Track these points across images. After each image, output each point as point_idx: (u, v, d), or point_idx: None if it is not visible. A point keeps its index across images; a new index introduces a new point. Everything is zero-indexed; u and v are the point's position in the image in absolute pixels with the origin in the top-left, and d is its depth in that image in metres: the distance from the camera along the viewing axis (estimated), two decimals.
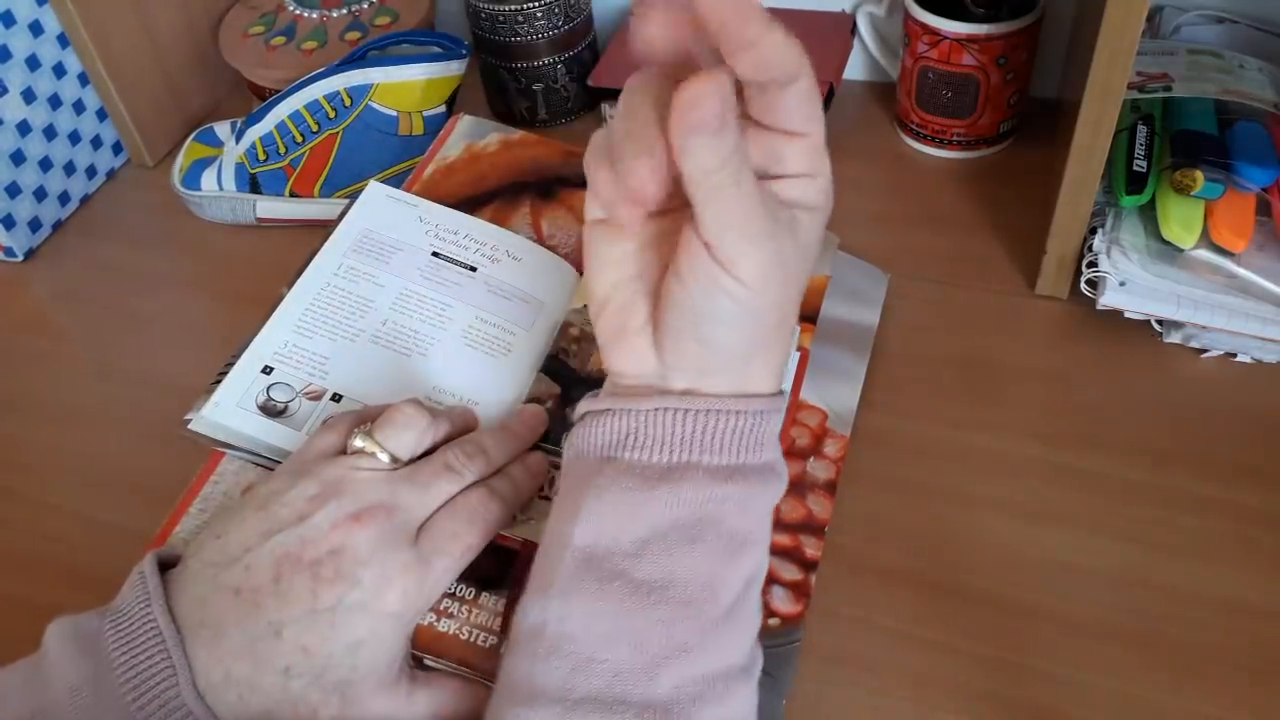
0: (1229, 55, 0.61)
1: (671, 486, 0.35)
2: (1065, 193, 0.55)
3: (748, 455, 0.36)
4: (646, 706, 0.33)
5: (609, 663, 0.34)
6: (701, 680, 0.34)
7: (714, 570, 0.35)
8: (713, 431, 0.35)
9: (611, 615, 0.34)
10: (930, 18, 0.65)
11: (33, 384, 0.64)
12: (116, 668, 0.36)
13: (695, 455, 0.35)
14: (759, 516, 0.37)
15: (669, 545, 0.35)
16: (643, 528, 0.35)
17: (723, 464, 0.36)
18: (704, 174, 0.31)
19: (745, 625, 0.36)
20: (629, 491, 0.35)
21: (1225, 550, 0.48)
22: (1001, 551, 0.49)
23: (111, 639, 0.37)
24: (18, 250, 0.72)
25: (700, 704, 0.34)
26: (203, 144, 0.73)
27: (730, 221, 0.32)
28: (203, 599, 0.38)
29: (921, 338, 0.59)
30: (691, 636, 0.34)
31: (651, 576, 0.35)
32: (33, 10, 0.70)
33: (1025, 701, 0.44)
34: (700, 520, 0.35)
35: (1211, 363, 0.56)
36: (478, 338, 0.53)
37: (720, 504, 0.35)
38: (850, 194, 0.69)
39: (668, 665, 0.34)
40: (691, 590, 0.35)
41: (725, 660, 0.35)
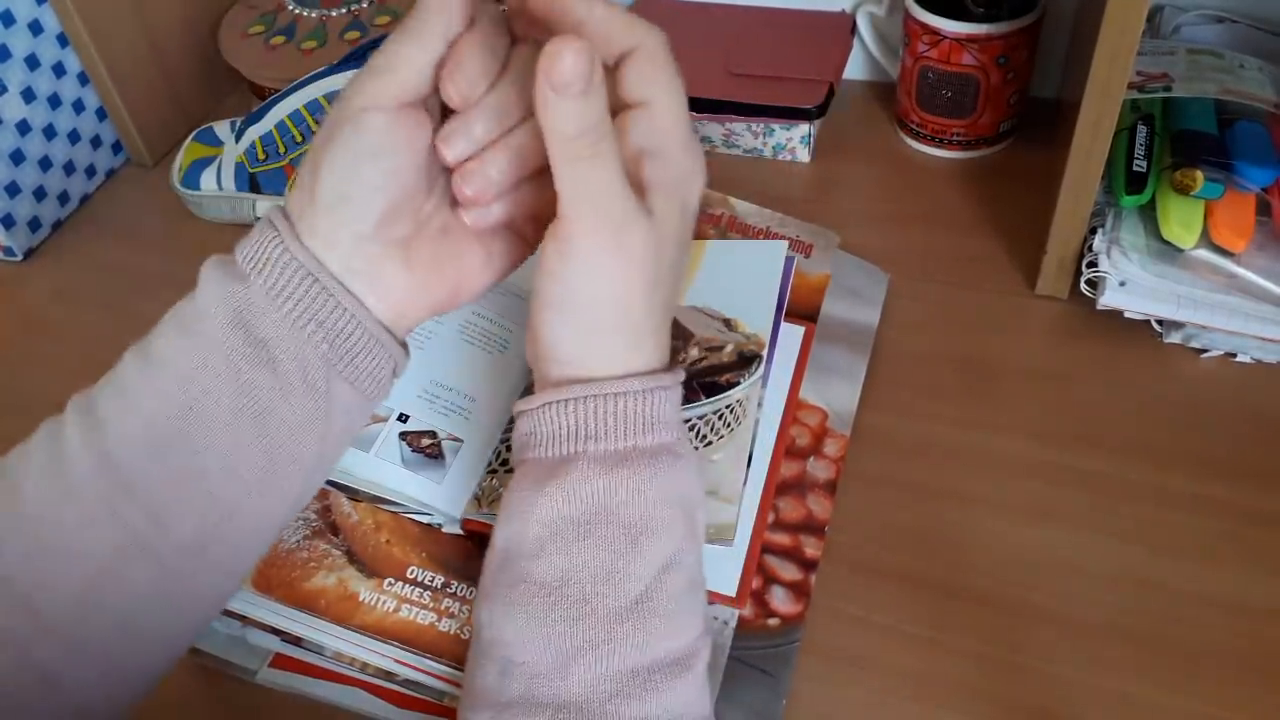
0: (1229, 55, 0.61)
1: (559, 482, 0.35)
2: (1065, 193, 0.55)
3: (639, 437, 0.35)
4: (561, 707, 0.33)
5: (526, 665, 0.34)
6: (618, 676, 0.33)
7: (612, 562, 0.34)
8: (597, 417, 0.35)
9: (523, 617, 0.34)
10: (930, 17, 0.65)
11: (32, 384, 0.64)
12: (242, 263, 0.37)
13: (580, 445, 0.35)
14: (660, 502, 0.35)
15: (563, 542, 0.35)
16: (538, 526, 0.35)
17: (610, 449, 0.35)
18: (563, 140, 0.32)
19: (667, 616, 0.35)
20: (525, 492, 0.36)
21: (1225, 550, 0.48)
22: (1001, 551, 0.49)
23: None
24: (17, 250, 0.72)
25: (619, 700, 0.33)
26: (202, 144, 0.73)
27: (582, 195, 0.33)
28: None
29: (921, 337, 0.59)
30: (597, 632, 0.34)
31: (549, 575, 0.34)
32: (32, 9, 0.70)
33: (1025, 701, 0.44)
34: (592, 514, 0.35)
35: (1211, 363, 0.56)
36: (474, 333, 0.53)
37: (611, 493, 0.35)
38: (850, 194, 0.70)
39: (576, 663, 0.33)
40: (590, 585, 0.34)
41: (647, 655, 0.34)
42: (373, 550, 0.48)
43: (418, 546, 0.48)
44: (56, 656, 0.35)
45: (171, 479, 0.36)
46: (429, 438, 0.50)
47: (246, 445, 0.36)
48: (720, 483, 0.48)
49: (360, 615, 0.46)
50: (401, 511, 0.49)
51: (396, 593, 0.46)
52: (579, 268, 0.34)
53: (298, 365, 0.36)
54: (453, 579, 0.47)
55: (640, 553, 0.35)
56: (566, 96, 0.30)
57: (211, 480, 0.36)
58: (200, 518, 0.36)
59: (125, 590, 0.36)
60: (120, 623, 0.36)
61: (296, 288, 0.36)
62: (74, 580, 0.35)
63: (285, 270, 0.36)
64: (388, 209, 0.36)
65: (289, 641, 0.46)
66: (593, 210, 0.33)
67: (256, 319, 0.36)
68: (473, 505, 0.48)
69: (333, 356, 0.37)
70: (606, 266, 0.34)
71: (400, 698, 0.45)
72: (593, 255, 0.34)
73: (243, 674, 0.47)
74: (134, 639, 0.37)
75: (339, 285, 0.36)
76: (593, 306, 0.35)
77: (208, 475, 0.36)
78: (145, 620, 0.37)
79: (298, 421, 0.37)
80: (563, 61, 0.30)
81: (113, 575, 0.36)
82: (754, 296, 0.54)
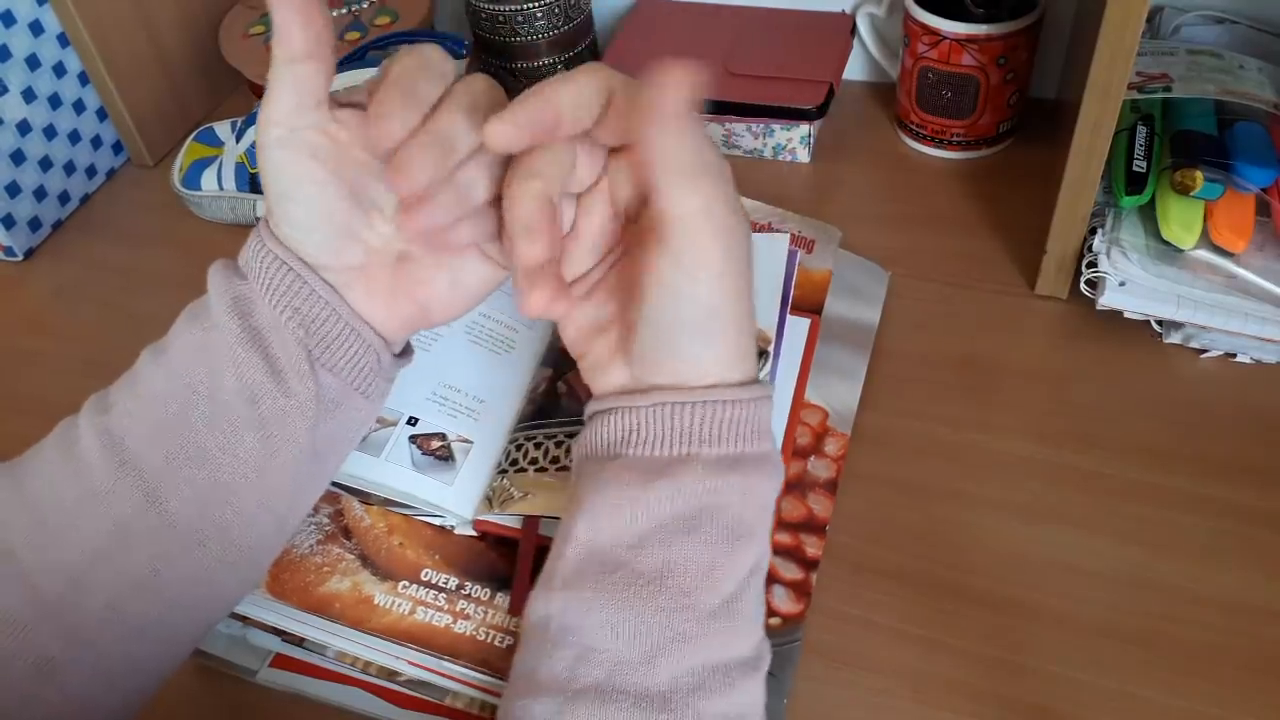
0: (1229, 55, 0.61)
1: (671, 480, 0.35)
2: (1065, 193, 0.55)
3: (746, 444, 0.36)
4: (644, 695, 0.33)
5: (609, 652, 0.34)
6: (702, 670, 0.34)
7: (714, 559, 0.35)
8: (712, 422, 0.36)
9: (611, 605, 0.35)
10: (930, 18, 0.65)
11: (32, 384, 0.64)
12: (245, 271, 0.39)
13: (695, 447, 0.36)
14: (760, 507, 0.37)
15: (668, 535, 0.35)
16: (643, 521, 0.35)
17: (723, 454, 0.36)
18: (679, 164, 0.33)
19: (749, 618, 0.36)
20: (629, 486, 0.36)
21: (1225, 550, 0.48)
22: (1001, 551, 0.49)
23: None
24: (17, 250, 0.72)
25: (700, 694, 0.34)
26: (203, 144, 0.73)
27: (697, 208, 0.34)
28: None
29: (921, 337, 0.59)
30: (691, 626, 0.34)
31: (651, 566, 0.35)
32: (33, 10, 0.70)
33: (1025, 701, 0.44)
34: (700, 511, 0.35)
35: (1211, 363, 0.56)
36: (482, 334, 0.53)
37: (720, 494, 0.36)
38: (850, 194, 0.70)
39: (666, 654, 0.34)
40: (691, 579, 0.35)
41: (728, 652, 0.35)
42: (386, 553, 0.48)
43: (431, 549, 0.48)
44: (53, 642, 0.36)
45: (171, 459, 0.37)
46: (438, 440, 0.50)
47: (243, 426, 0.37)
48: None
49: (376, 619, 0.46)
50: (413, 514, 0.49)
51: (411, 595, 0.46)
52: (697, 277, 0.34)
53: (284, 352, 0.38)
54: (467, 580, 0.47)
55: (738, 554, 0.36)
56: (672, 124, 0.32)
57: (210, 462, 0.37)
58: (199, 500, 0.37)
59: (120, 572, 0.37)
60: (113, 608, 0.37)
61: (278, 279, 0.38)
62: (71, 561, 0.36)
63: (266, 263, 0.38)
64: (328, 242, 0.38)
65: (290, 642, 0.46)
66: (709, 224, 0.34)
67: (250, 309, 0.38)
68: (484, 506, 0.48)
69: (310, 342, 0.38)
70: (729, 273, 0.35)
71: (401, 698, 0.45)
72: (717, 265, 0.34)
73: (243, 674, 0.47)
74: (128, 629, 0.37)
75: (315, 276, 0.38)
76: (710, 317, 0.35)
77: (206, 456, 0.37)
78: (138, 607, 0.37)
79: (289, 406, 0.38)
80: (670, 92, 0.32)
81: (108, 557, 0.36)
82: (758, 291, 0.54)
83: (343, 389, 0.39)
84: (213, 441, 0.37)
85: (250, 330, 0.37)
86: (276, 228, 0.38)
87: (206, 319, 0.38)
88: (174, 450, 0.37)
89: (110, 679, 0.37)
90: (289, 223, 0.38)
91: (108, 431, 0.37)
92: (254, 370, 0.37)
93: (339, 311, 0.38)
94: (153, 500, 0.37)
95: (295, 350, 0.38)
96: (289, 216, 0.38)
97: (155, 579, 0.37)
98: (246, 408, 0.37)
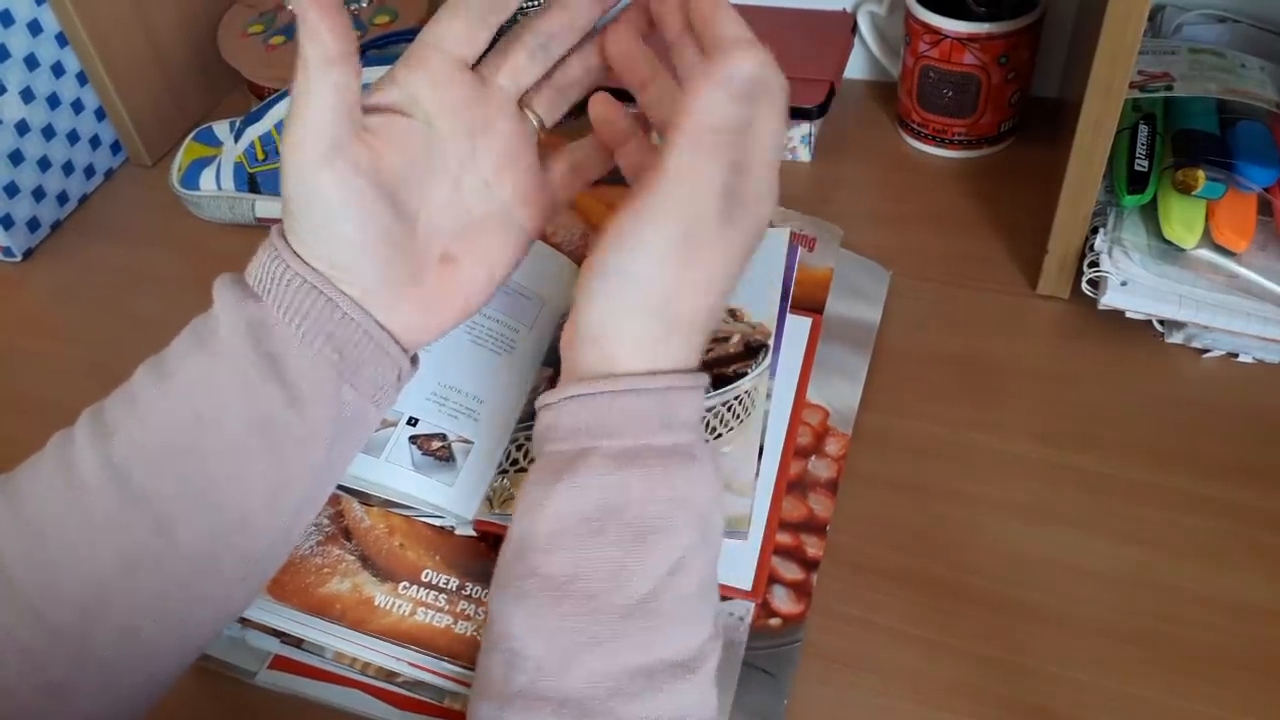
0: (1231, 54, 0.61)
1: (570, 477, 0.35)
2: (1066, 192, 0.55)
3: (652, 436, 0.35)
4: (562, 702, 0.33)
5: (531, 659, 0.34)
6: (620, 675, 0.33)
7: (621, 560, 0.34)
8: (610, 414, 0.35)
9: (527, 610, 0.35)
10: (931, 17, 0.65)
11: (31, 384, 0.64)
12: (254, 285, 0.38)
13: (594, 441, 0.35)
14: (669, 501, 0.35)
15: (576, 537, 0.35)
16: (551, 520, 0.35)
17: (623, 447, 0.35)
18: (698, 126, 0.34)
19: (674, 618, 0.35)
20: (539, 485, 0.36)
21: (1226, 550, 0.48)
22: (1001, 551, 0.49)
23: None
24: (16, 250, 0.72)
25: (620, 699, 0.33)
26: (201, 143, 0.73)
27: (683, 180, 0.34)
28: None
29: (922, 337, 0.59)
30: (601, 629, 0.34)
31: (559, 569, 0.35)
32: (31, 9, 0.70)
33: (1025, 701, 0.44)
34: (602, 510, 0.35)
35: (1213, 363, 0.56)
36: (482, 334, 0.53)
37: (622, 490, 0.35)
38: (851, 193, 0.70)
39: (579, 659, 0.33)
40: (598, 581, 0.34)
41: (649, 655, 0.34)
42: (386, 554, 0.48)
43: (431, 549, 0.48)
44: (64, 666, 0.35)
45: (180, 489, 0.36)
46: (439, 440, 0.50)
47: (255, 455, 0.36)
48: (732, 475, 0.48)
49: (376, 620, 0.46)
50: (414, 515, 0.49)
51: (412, 596, 0.46)
52: (645, 241, 0.35)
53: (307, 379, 0.37)
54: (467, 581, 0.47)
55: (648, 552, 0.35)
56: (727, 91, 0.33)
57: (220, 491, 0.36)
58: (210, 528, 0.36)
59: (132, 601, 0.36)
60: (126, 634, 0.36)
61: (303, 302, 0.36)
62: (79, 589, 0.35)
63: (291, 286, 0.36)
64: (380, 263, 0.37)
65: (289, 643, 0.46)
66: (685, 198, 0.34)
67: (267, 334, 0.36)
68: (484, 507, 0.48)
69: (342, 366, 0.37)
70: (669, 252, 0.35)
71: (400, 699, 0.45)
72: (661, 235, 0.35)
73: (242, 675, 0.47)
74: (141, 649, 0.37)
75: (347, 298, 0.37)
76: (639, 283, 0.35)
77: (216, 486, 0.36)
78: (152, 631, 0.37)
79: (306, 432, 0.37)
80: (744, 63, 0.33)
81: (119, 587, 0.35)
82: (758, 286, 0.54)
83: (361, 405, 0.39)
84: (223, 471, 0.36)
85: (267, 358, 0.36)
86: (304, 247, 0.37)
87: (214, 343, 0.37)
88: (183, 482, 0.36)
89: (120, 693, 0.37)
90: (335, 247, 0.36)
91: (111, 462, 0.36)
92: (270, 401, 0.36)
93: (370, 333, 0.38)
94: (162, 531, 0.36)
95: (323, 375, 0.37)
96: (337, 240, 0.36)
97: (166, 603, 0.37)
98: (260, 438, 0.36)
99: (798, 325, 0.55)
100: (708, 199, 0.35)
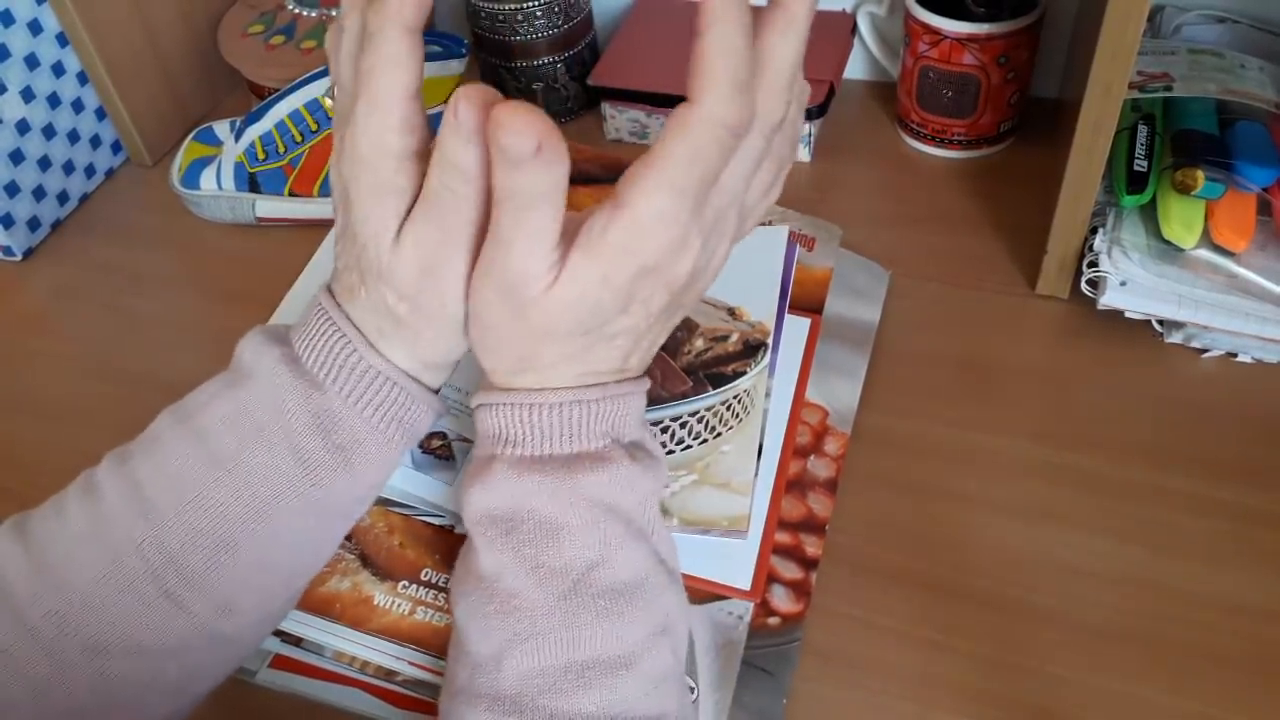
0: (1230, 55, 0.61)
1: (482, 482, 0.36)
2: (1066, 192, 0.55)
3: (554, 446, 0.36)
4: (496, 698, 0.34)
5: (470, 655, 0.35)
6: (551, 670, 0.34)
7: (535, 558, 0.35)
8: (513, 423, 0.36)
9: (463, 607, 0.36)
10: (931, 17, 0.65)
11: (31, 384, 0.64)
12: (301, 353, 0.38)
13: (500, 448, 0.36)
14: (577, 503, 0.36)
15: (490, 538, 0.36)
16: (471, 520, 0.37)
17: (525, 455, 0.36)
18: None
19: (599, 614, 0.35)
20: (464, 489, 0.37)
21: (1226, 550, 0.48)
22: (1001, 551, 0.49)
23: (294, 332, 0.39)
24: (16, 249, 0.72)
25: (552, 695, 0.34)
26: (202, 143, 0.73)
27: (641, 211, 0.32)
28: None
29: (922, 337, 0.59)
30: (524, 625, 0.35)
31: (484, 567, 0.36)
32: (32, 9, 0.70)
33: (1025, 701, 0.44)
34: (511, 512, 0.36)
35: (1212, 363, 0.56)
36: None
37: (529, 496, 0.36)
38: (850, 193, 0.70)
39: (509, 656, 0.34)
40: (518, 580, 0.35)
41: (579, 651, 0.34)
42: (386, 553, 0.48)
43: (430, 548, 0.48)
44: (82, 696, 0.36)
45: (239, 574, 0.38)
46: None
47: (312, 534, 0.39)
48: (732, 474, 0.48)
49: (376, 619, 0.46)
50: (413, 514, 0.49)
51: (411, 595, 0.46)
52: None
53: (375, 464, 0.39)
54: None
55: (560, 550, 0.35)
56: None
57: (278, 571, 0.39)
58: (265, 601, 0.40)
59: (184, 667, 0.38)
60: (170, 683, 0.39)
61: (377, 394, 0.37)
62: (99, 641, 0.36)
63: (366, 378, 0.37)
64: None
65: (289, 642, 0.46)
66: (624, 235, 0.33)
67: (336, 425, 0.37)
68: None
69: (406, 441, 0.39)
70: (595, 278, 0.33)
71: (400, 698, 0.45)
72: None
73: (243, 674, 0.47)
74: (165, 689, 0.39)
75: (417, 385, 0.38)
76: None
77: (275, 567, 0.39)
78: (176, 674, 0.39)
79: (359, 501, 0.40)
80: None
81: (174, 655, 0.38)
82: (756, 284, 0.54)
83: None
84: (283, 556, 0.39)
85: (335, 449, 0.37)
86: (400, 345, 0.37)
87: (274, 432, 0.37)
88: (242, 569, 0.37)
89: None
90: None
91: (162, 546, 0.36)
92: (334, 490, 0.38)
93: (432, 404, 0.39)
94: (220, 612, 0.38)
95: (391, 456, 0.39)
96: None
97: (211, 660, 0.40)
98: (319, 519, 0.39)
99: (797, 325, 0.55)
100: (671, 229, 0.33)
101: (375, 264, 0.35)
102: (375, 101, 0.33)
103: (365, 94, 0.33)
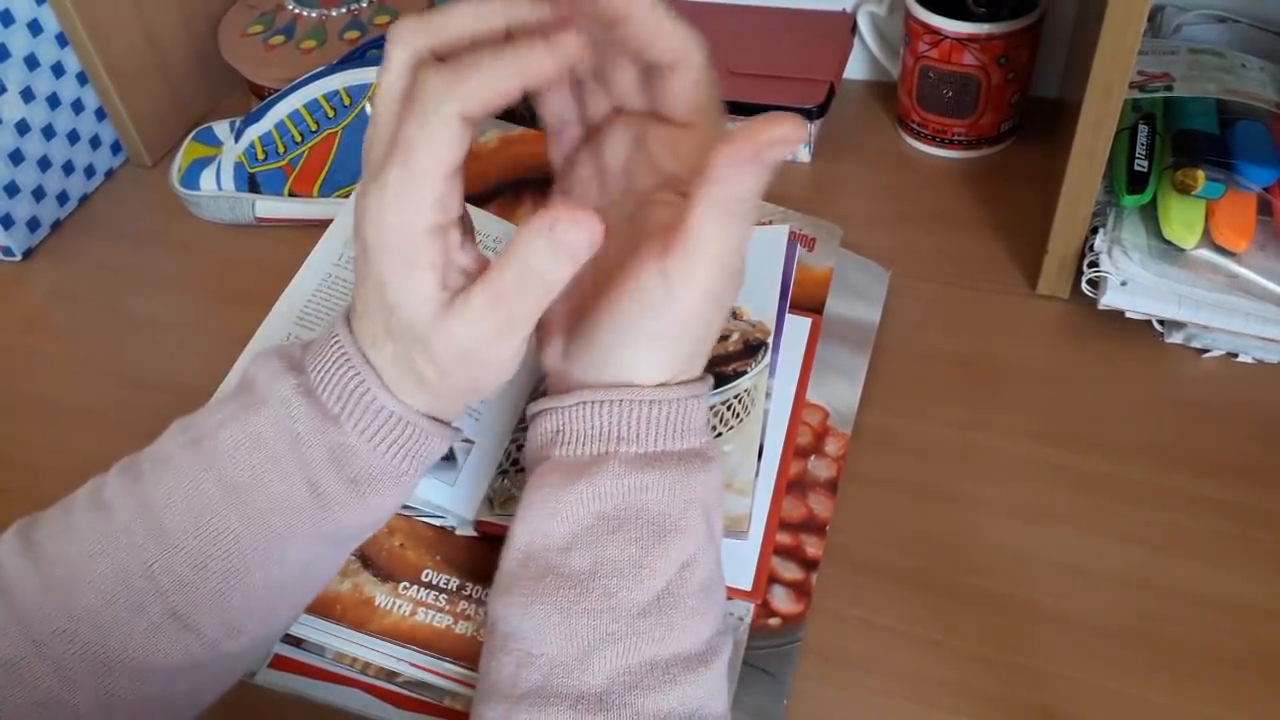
0: (1230, 55, 0.61)
1: (590, 480, 0.36)
2: (1066, 192, 0.55)
3: (668, 442, 0.37)
4: (580, 697, 0.34)
5: (545, 656, 0.35)
6: (639, 668, 0.34)
7: (639, 557, 0.35)
8: (629, 421, 0.36)
9: (543, 609, 0.35)
10: (931, 17, 0.65)
11: (31, 384, 0.64)
12: (317, 386, 0.37)
13: (613, 446, 0.36)
14: (686, 502, 0.36)
15: (592, 537, 0.36)
16: (568, 523, 0.36)
17: (641, 452, 0.36)
18: (727, 198, 0.33)
19: (688, 612, 0.36)
20: (554, 488, 0.36)
21: (1226, 550, 0.48)
22: (1001, 551, 0.49)
23: (309, 360, 0.38)
24: (16, 250, 0.72)
25: (638, 692, 0.34)
26: (201, 143, 0.73)
27: (718, 243, 0.34)
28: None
29: (922, 337, 0.59)
30: (620, 625, 0.34)
31: (578, 568, 0.35)
32: (31, 9, 0.70)
33: (1025, 701, 0.44)
34: (621, 509, 0.36)
35: (1213, 363, 0.56)
36: None
37: (641, 492, 0.36)
38: (851, 193, 0.70)
39: (598, 654, 0.34)
40: (617, 579, 0.35)
41: (665, 648, 0.35)
42: (387, 555, 0.48)
43: (431, 550, 0.48)
44: (88, 711, 0.36)
45: (248, 598, 0.38)
46: None
47: (321, 558, 0.40)
48: (732, 474, 0.48)
49: (377, 620, 0.46)
50: (414, 515, 0.49)
51: (412, 596, 0.46)
52: (682, 302, 0.35)
53: (389, 497, 0.39)
54: (467, 581, 0.47)
55: (665, 550, 0.36)
56: (758, 167, 0.33)
57: (287, 593, 0.39)
58: (271, 619, 0.40)
59: (190, 684, 0.38)
60: (175, 700, 0.39)
61: (391, 430, 0.37)
62: (106, 661, 0.36)
63: (381, 416, 0.37)
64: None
65: (289, 643, 0.46)
66: (718, 259, 0.34)
67: (350, 460, 0.37)
68: (485, 507, 0.48)
69: (419, 471, 0.39)
70: (703, 305, 0.35)
71: (400, 699, 0.45)
72: (698, 295, 0.35)
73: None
74: (175, 705, 0.39)
75: (434, 423, 0.38)
76: (670, 333, 0.36)
77: (283, 589, 0.39)
78: (189, 691, 0.39)
79: (369, 528, 0.41)
80: (781, 134, 0.32)
81: (180, 674, 0.38)
82: (757, 283, 0.54)
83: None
84: (292, 579, 0.39)
85: (348, 483, 0.37)
86: (421, 395, 0.37)
87: (288, 463, 0.37)
88: (253, 591, 0.37)
89: None
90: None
91: (173, 572, 0.36)
92: (345, 521, 0.38)
93: (445, 435, 0.39)
94: (229, 633, 0.38)
95: (404, 488, 0.39)
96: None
97: (215, 675, 0.40)
98: (331, 545, 0.39)
99: (797, 325, 0.55)
100: (737, 258, 0.35)
101: (410, 331, 0.35)
102: (411, 176, 0.32)
103: (401, 164, 0.32)
